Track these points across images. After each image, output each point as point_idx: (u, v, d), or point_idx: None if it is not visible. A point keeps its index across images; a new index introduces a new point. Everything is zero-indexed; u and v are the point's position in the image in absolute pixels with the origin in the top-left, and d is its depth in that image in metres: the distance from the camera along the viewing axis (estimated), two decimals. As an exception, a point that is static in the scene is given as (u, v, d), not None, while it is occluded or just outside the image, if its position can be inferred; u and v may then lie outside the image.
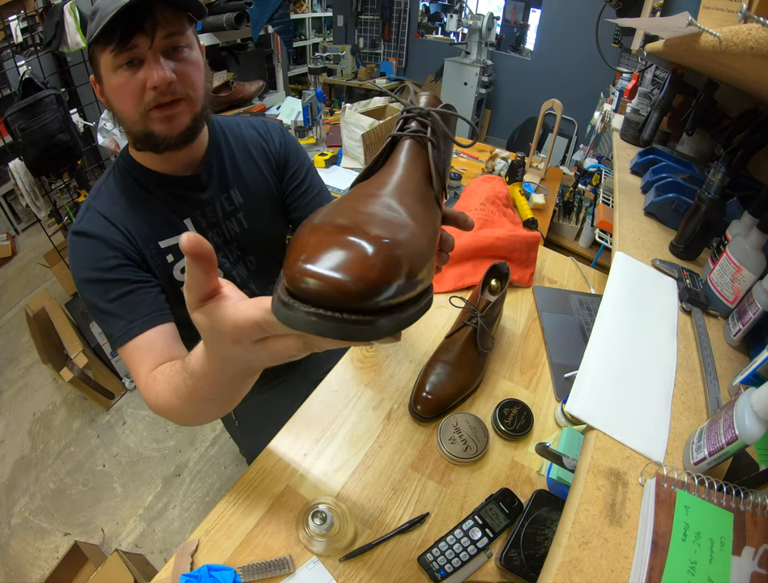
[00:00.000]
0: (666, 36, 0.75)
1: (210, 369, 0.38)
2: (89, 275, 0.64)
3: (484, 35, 3.84)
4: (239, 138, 0.81)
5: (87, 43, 0.60)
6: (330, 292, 0.21)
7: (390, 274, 0.22)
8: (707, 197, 0.80)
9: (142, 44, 0.58)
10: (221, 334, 0.31)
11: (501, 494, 0.61)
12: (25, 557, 1.41)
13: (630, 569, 0.40)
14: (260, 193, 0.81)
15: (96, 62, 0.61)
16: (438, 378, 0.73)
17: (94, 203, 0.69)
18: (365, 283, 0.21)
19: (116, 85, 0.60)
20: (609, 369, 0.59)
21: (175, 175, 0.72)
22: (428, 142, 0.36)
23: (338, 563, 0.56)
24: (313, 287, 0.21)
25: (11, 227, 2.81)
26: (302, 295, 0.21)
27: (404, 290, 0.23)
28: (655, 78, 1.57)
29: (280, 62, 2.36)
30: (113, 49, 0.57)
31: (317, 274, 0.21)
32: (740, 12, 0.39)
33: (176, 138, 0.64)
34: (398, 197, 0.30)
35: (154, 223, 0.70)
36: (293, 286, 0.22)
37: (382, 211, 0.27)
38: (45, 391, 1.95)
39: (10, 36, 1.65)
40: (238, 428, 0.97)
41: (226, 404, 0.47)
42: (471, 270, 1.00)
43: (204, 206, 0.75)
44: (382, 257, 0.22)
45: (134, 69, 0.59)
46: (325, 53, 4.37)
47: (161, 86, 0.59)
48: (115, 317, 0.63)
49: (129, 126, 0.64)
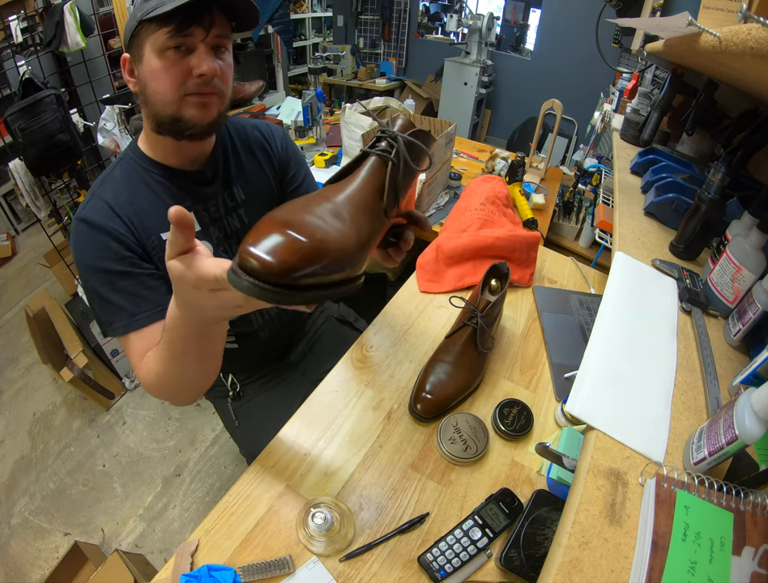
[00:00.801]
0: (666, 36, 0.75)
1: (177, 317, 0.47)
2: (93, 263, 0.66)
3: (484, 35, 3.83)
4: (243, 139, 0.84)
5: (138, 19, 0.62)
6: (260, 269, 0.30)
7: (306, 260, 0.31)
8: (707, 197, 0.80)
9: (197, 34, 0.62)
10: (186, 280, 0.40)
11: (501, 494, 0.61)
12: (25, 557, 1.41)
13: (630, 569, 0.40)
14: (261, 191, 0.85)
15: (140, 40, 0.63)
16: (438, 378, 0.73)
17: (99, 191, 0.71)
18: (287, 265, 0.30)
19: (159, 66, 0.63)
20: (609, 369, 0.59)
21: (182, 169, 0.75)
22: (390, 162, 0.43)
23: (338, 563, 0.56)
24: (251, 264, 0.30)
25: (11, 227, 2.81)
26: (245, 268, 0.31)
27: (320, 273, 0.32)
28: (655, 78, 1.57)
29: (280, 62, 2.36)
30: (169, 31, 0.60)
31: (254, 255, 0.30)
32: (740, 12, 0.39)
33: (203, 126, 0.68)
34: (346, 204, 0.40)
35: (157, 215, 0.72)
36: (240, 261, 0.31)
37: (324, 214, 0.37)
38: (45, 391, 1.95)
39: (10, 36, 1.65)
40: (238, 428, 0.97)
41: (202, 361, 0.56)
42: (471, 270, 1.00)
43: (207, 200, 0.78)
44: (304, 247, 0.32)
45: (182, 54, 0.63)
46: (325, 53, 4.37)
47: (208, 75, 0.64)
48: (118, 308, 0.66)
49: (159, 108, 0.66)
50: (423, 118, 1.52)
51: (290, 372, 1.02)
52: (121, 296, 0.66)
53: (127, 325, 0.65)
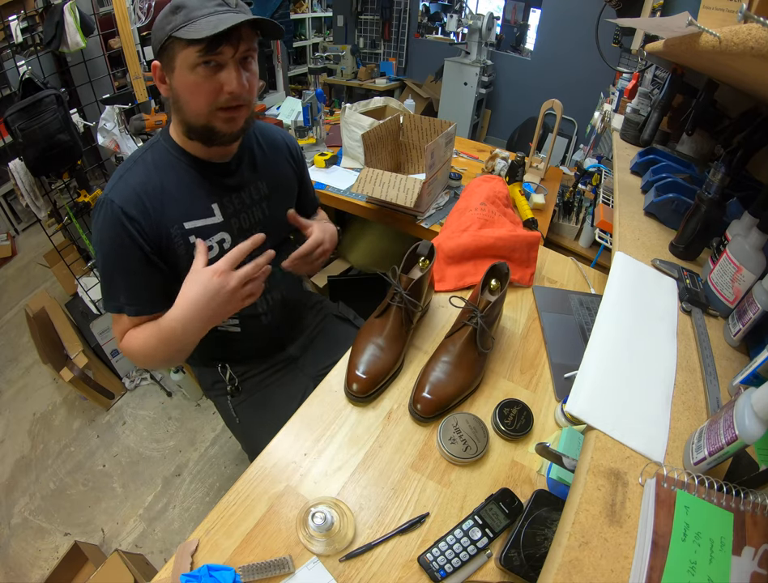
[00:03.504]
0: (666, 36, 0.75)
1: (188, 309, 0.67)
2: (110, 246, 0.73)
3: (484, 35, 3.83)
4: (268, 139, 0.92)
5: (167, 33, 0.64)
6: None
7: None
8: (707, 197, 0.80)
9: (227, 52, 0.65)
10: (213, 269, 0.65)
11: (501, 494, 0.61)
12: (25, 557, 1.41)
13: (630, 569, 0.40)
14: (284, 187, 0.93)
15: (169, 53, 0.66)
16: (438, 378, 0.73)
17: (127, 175, 0.75)
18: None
19: (192, 81, 0.67)
20: (609, 369, 0.59)
21: (211, 161, 0.80)
22: (402, 308, 0.77)
23: (338, 563, 0.56)
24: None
25: (11, 227, 2.81)
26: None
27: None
28: (655, 78, 1.57)
29: (280, 62, 2.36)
30: (200, 50, 0.63)
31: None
32: (740, 12, 0.39)
33: (232, 135, 0.74)
34: (383, 337, 0.77)
35: (183, 204, 0.77)
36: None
37: (373, 349, 0.75)
38: (45, 391, 1.95)
39: (10, 36, 1.65)
40: (239, 425, 0.97)
41: (183, 352, 0.77)
42: (471, 270, 1.00)
43: (232, 192, 0.83)
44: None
45: (212, 70, 0.66)
46: (325, 53, 4.37)
47: (238, 92, 0.68)
48: (119, 290, 0.75)
49: (191, 118, 0.71)
50: (423, 118, 1.52)
51: (289, 368, 1.02)
52: (126, 282, 0.74)
53: (123, 307, 0.75)
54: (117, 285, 0.75)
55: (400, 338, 0.78)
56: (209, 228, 0.80)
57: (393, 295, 0.78)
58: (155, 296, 0.77)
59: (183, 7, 0.64)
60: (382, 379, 0.75)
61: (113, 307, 0.76)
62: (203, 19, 0.63)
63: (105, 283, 0.76)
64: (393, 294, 0.78)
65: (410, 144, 1.60)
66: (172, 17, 0.64)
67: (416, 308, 0.79)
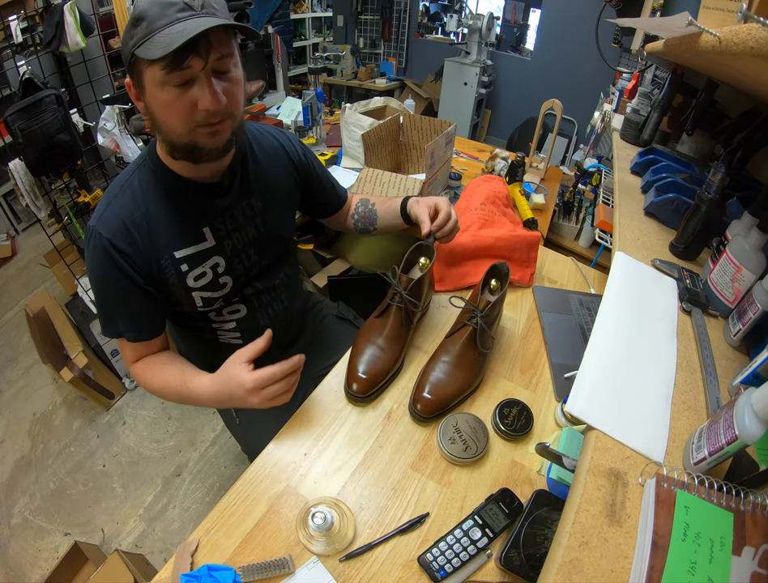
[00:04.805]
0: (666, 36, 0.75)
1: (207, 387, 0.70)
2: (103, 277, 0.70)
3: (484, 35, 3.83)
4: (264, 147, 0.84)
5: (130, 50, 0.58)
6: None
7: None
8: (707, 197, 0.80)
9: (195, 65, 0.57)
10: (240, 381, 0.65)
11: (501, 494, 0.61)
12: (25, 557, 1.41)
13: (630, 569, 0.40)
14: (279, 199, 0.86)
15: (137, 70, 0.59)
16: (438, 378, 0.73)
17: (114, 203, 0.70)
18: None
19: (163, 100, 0.59)
20: (609, 369, 0.59)
21: (201, 181, 0.73)
22: (402, 308, 0.77)
23: (338, 563, 0.56)
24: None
25: (11, 227, 2.81)
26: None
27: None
28: (655, 78, 1.57)
29: (280, 62, 2.35)
30: (164, 67, 0.55)
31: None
32: (740, 12, 0.39)
33: (218, 150, 0.66)
34: (383, 338, 0.77)
35: (173, 232, 0.72)
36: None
37: (373, 349, 0.76)
38: (45, 391, 1.95)
39: (10, 36, 1.65)
40: (239, 426, 0.97)
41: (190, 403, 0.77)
42: (471, 270, 1.00)
43: (224, 212, 0.77)
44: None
45: (183, 87, 0.58)
46: (325, 53, 4.37)
47: (213, 109, 0.60)
48: (116, 317, 0.73)
49: (172, 138, 0.64)
50: (423, 118, 1.52)
51: None
52: (122, 310, 0.72)
53: (122, 334, 0.74)
54: (113, 313, 0.72)
55: (400, 338, 0.78)
56: (201, 254, 0.75)
57: (393, 296, 0.78)
58: (154, 322, 0.76)
59: (143, 19, 0.56)
60: (382, 379, 0.75)
61: (112, 333, 0.74)
62: (165, 29, 0.55)
63: (101, 311, 0.74)
64: (393, 294, 0.78)
65: (410, 144, 1.60)
66: (134, 30, 0.57)
67: (416, 308, 0.79)
